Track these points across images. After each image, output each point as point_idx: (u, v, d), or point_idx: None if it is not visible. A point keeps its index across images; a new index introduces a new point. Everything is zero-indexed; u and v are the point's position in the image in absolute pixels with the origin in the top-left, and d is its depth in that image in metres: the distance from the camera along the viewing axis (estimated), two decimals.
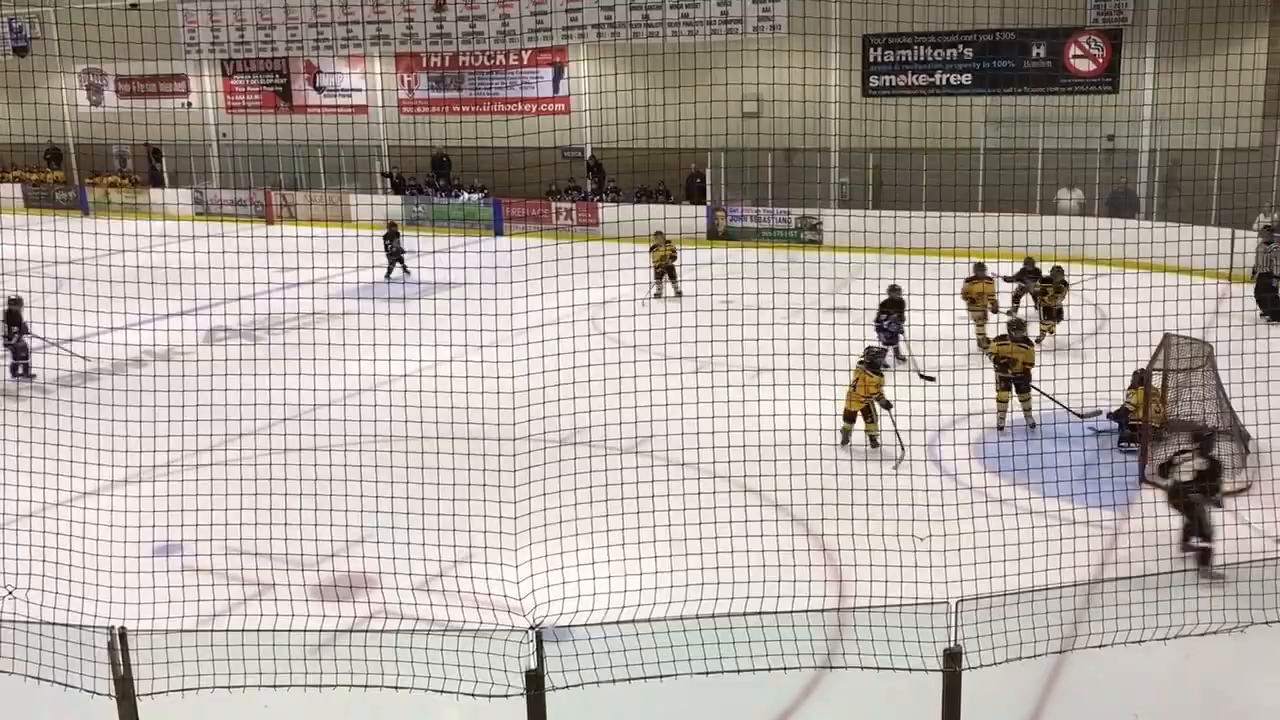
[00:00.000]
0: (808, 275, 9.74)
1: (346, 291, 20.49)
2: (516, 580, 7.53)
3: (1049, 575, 7.55)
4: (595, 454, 10.39)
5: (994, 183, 22.78)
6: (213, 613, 8.24)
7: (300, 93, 32.88)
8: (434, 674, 6.33)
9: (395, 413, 10.91)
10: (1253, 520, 9.17)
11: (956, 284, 15.35)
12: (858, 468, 10.65)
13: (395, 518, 8.67)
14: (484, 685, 6.13)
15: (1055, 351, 13.99)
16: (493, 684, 6.12)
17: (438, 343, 9.55)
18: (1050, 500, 10.10)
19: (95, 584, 7.70)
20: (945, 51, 25.43)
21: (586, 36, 28.29)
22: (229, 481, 8.91)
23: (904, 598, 6.98)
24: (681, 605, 6.94)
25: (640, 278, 9.82)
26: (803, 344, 8.90)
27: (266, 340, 16.87)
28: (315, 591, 8.95)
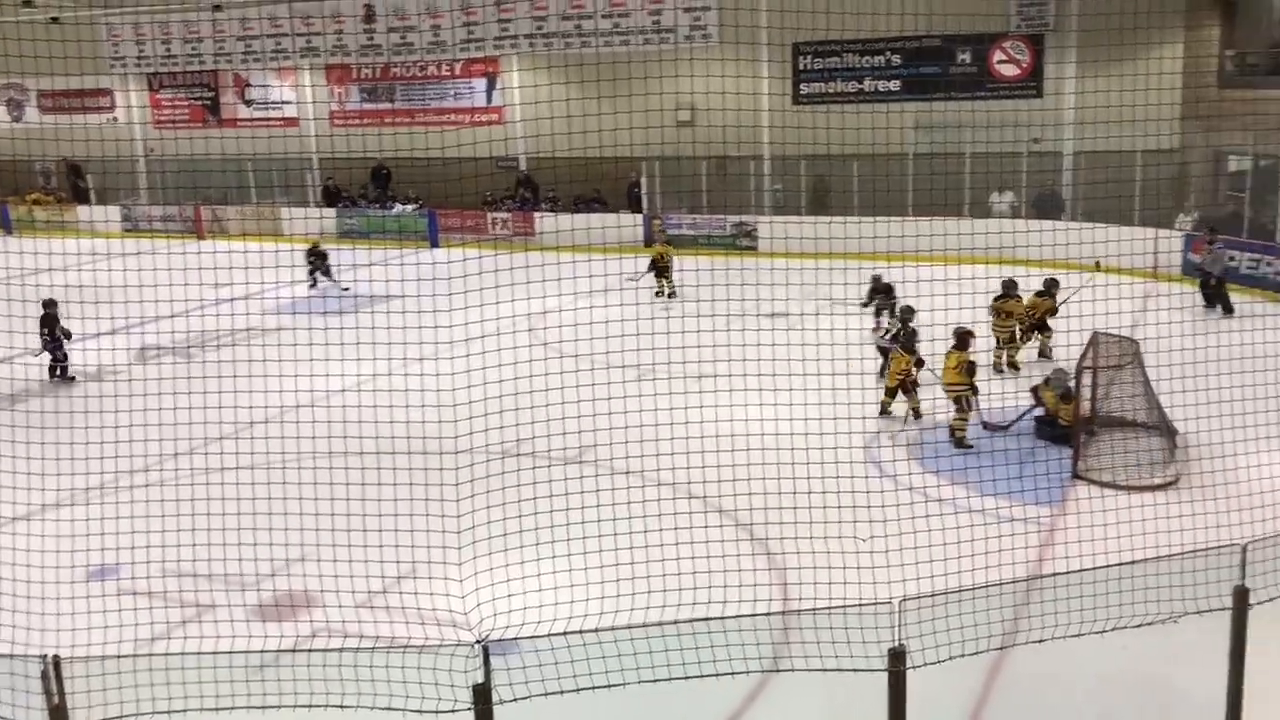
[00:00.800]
0: (746, 282, 9.82)
1: (280, 306, 20.24)
2: (461, 594, 7.48)
3: (989, 573, 7.67)
4: (538, 465, 10.34)
5: (924, 187, 23.18)
6: (150, 636, 8.07)
7: (229, 106, 32.45)
8: (379, 691, 6.26)
9: (333, 428, 10.80)
10: (1178, 513, 9.39)
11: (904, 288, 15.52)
12: (800, 471, 10.72)
13: (336, 535, 8.57)
14: (430, 701, 6.07)
15: (984, 353, 14.18)
16: (439, 699, 6.06)
17: (375, 356, 9.49)
18: (988, 499, 10.26)
19: (27, 611, 7.51)
20: (874, 59, 25.77)
21: (519, 47, 28.25)
22: (164, 503, 8.77)
23: (848, 599, 7.05)
24: (628, 614, 6.94)
25: (580, 286, 9.83)
26: (743, 350, 8.96)
27: (200, 358, 16.60)
28: (255, 611, 8.83)
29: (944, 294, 9.95)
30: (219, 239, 28.05)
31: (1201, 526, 8.40)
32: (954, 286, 10.73)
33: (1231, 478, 10.45)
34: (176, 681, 6.26)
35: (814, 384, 10.93)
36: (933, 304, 10.01)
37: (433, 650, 6.28)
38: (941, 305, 9.68)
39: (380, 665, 6.32)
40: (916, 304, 11.59)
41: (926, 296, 9.96)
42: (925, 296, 9.98)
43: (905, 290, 10.38)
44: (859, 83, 26.00)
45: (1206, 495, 9.89)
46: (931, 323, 12.97)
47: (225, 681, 6.25)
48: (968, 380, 12.43)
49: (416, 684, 6.18)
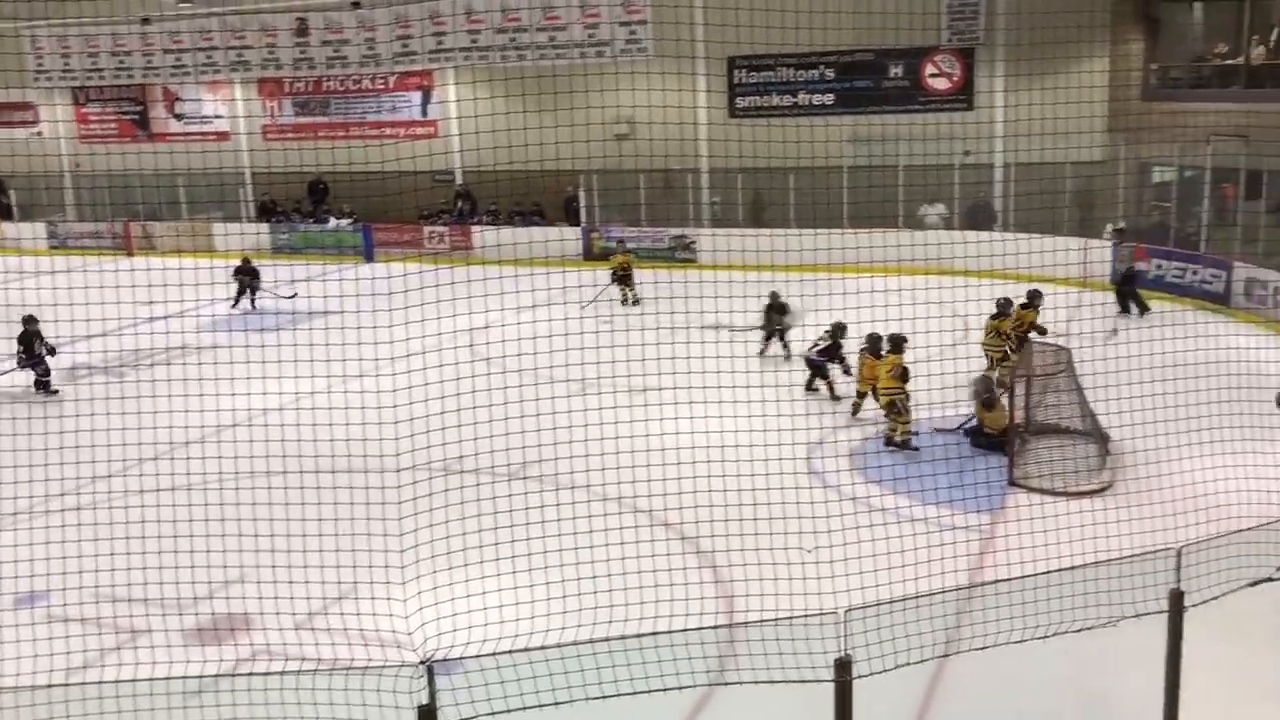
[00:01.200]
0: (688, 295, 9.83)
1: (215, 324, 19.90)
2: (405, 614, 7.38)
3: (931, 580, 7.74)
4: (481, 481, 10.26)
5: (859, 200, 23.45)
6: (82, 664, 7.87)
7: (159, 121, 31.91)
8: (321, 715, 6.14)
9: (270, 447, 10.61)
10: (1113, 519, 9.56)
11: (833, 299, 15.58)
12: (744, 483, 10.76)
13: (274, 555, 8.42)
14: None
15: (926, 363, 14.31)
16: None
17: (314, 374, 9.35)
18: (929, 507, 10.36)
19: None
20: (808, 73, 26.03)
21: (454, 60, 28.12)
22: (95, 525, 8.56)
23: (793, 610, 7.07)
24: (575, 630, 6.90)
25: (523, 301, 9.77)
26: (687, 362, 8.97)
27: (131, 377, 16.25)
28: (190, 635, 8.64)
29: (884, 305, 10.06)
30: (150, 256, 27.53)
31: (1137, 531, 8.56)
32: (893, 298, 10.87)
33: (1164, 483, 10.66)
34: (111, 711, 6.10)
35: (756, 396, 11.01)
36: (873, 314, 10.10)
37: (376, 671, 6.19)
38: (882, 316, 9.77)
39: (322, 688, 6.21)
40: (857, 315, 11.68)
41: (867, 307, 10.06)
42: (865, 308, 10.08)
43: (846, 301, 10.47)
44: (794, 96, 26.24)
45: (1140, 500, 10.08)
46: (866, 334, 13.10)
47: (161, 709, 6.10)
48: (900, 385, 12.59)
49: (360, 706, 6.09)
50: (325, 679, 6.26)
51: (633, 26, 26.41)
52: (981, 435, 12.48)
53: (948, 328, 17.19)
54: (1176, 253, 20.67)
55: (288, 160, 28.89)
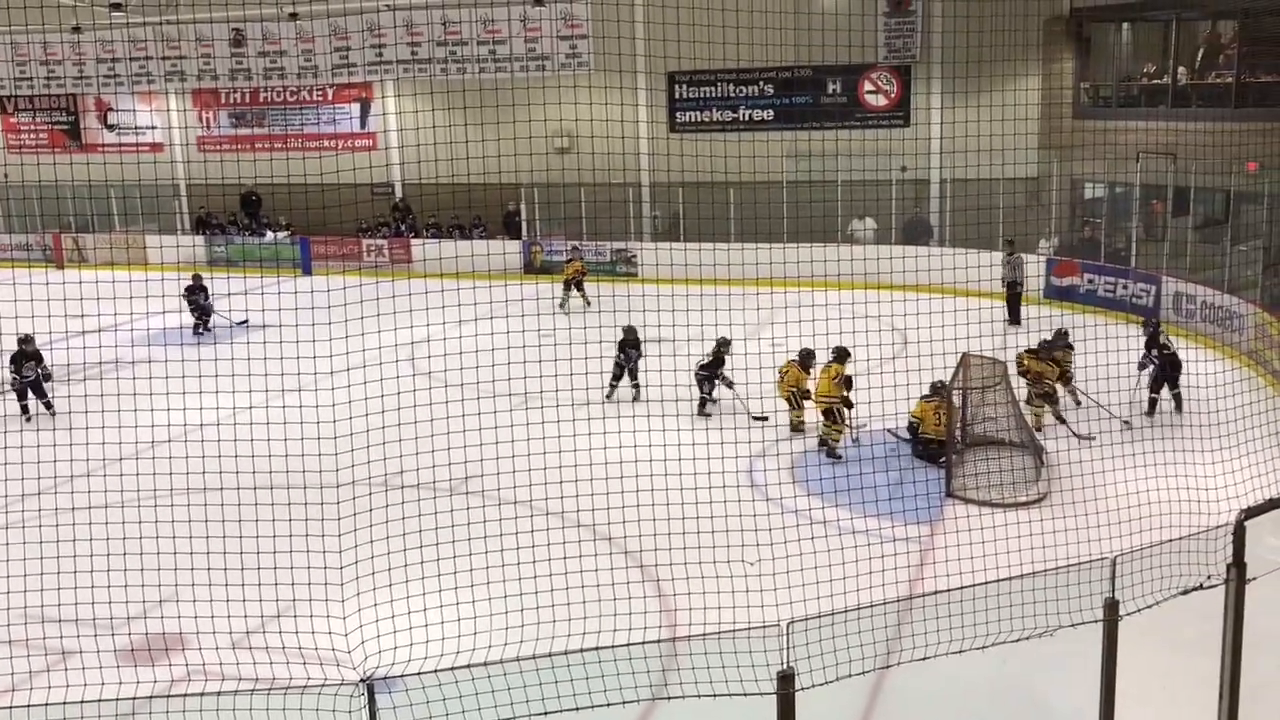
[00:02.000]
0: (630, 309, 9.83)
1: (146, 338, 19.53)
2: (344, 631, 7.28)
3: (872, 592, 7.81)
4: (423, 496, 10.16)
5: (797, 214, 23.66)
6: (11, 687, 7.66)
7: (91, 131, 31.32)
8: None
9: (205, 463, 10.43)
10: (1049, 529, 9.72)
11: (770, 313, 15.69)
12: (687, 496, 10.77)
13: (210, 573, 8.27)
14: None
15: (866, 375, 14.45)
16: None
17: (250, 388, 9.21)
18: (870, 519, 10.45)
19: None
20: (747, 88, 26.24)
21: (393, 72, 27.96)
22: (23, 544, 8.34)
23: (736, 623, 7.09)
24: (517, 646, 6.86)
25: (465, 314, 9.70)
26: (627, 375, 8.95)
27: (62, 393, 15.89)
28: (121, 656, 8.45)
29: (825, 319, 10.14)
30: (81, 268, 26.97)
31: (1072, 542, 8.70)
32: (832, 311, 10.96)
33: (1097, 494, 10.86)
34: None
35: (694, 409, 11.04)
36: (813, 329, 10.18)
37: (315, 690, 6.10)
38: (822, 330, 9.85)
39: (260, 708, 6.10)
40: (799, 329, 11.74)
41: (807, 321, 10.14)
42: (806, 321, 10.16)
43: (788, 315, 10.55)
44: (734, 111, 26.44)
45: (1074, 511, 10.26)
46: (811, 347, 13.19)
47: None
48: (840, 393, 12.90)
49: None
50: (263, 698, 6.15)
51: (573, 40, 26.45)
52: (920, 444, 12.65)
53: (886, 341, 17.39)
54: (1108, 268, 21.12)
55: (224, 172, 28.49)
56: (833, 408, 12.98)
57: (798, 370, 13.65)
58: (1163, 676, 8.22)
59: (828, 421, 13.05)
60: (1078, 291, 20.92)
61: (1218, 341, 17.61)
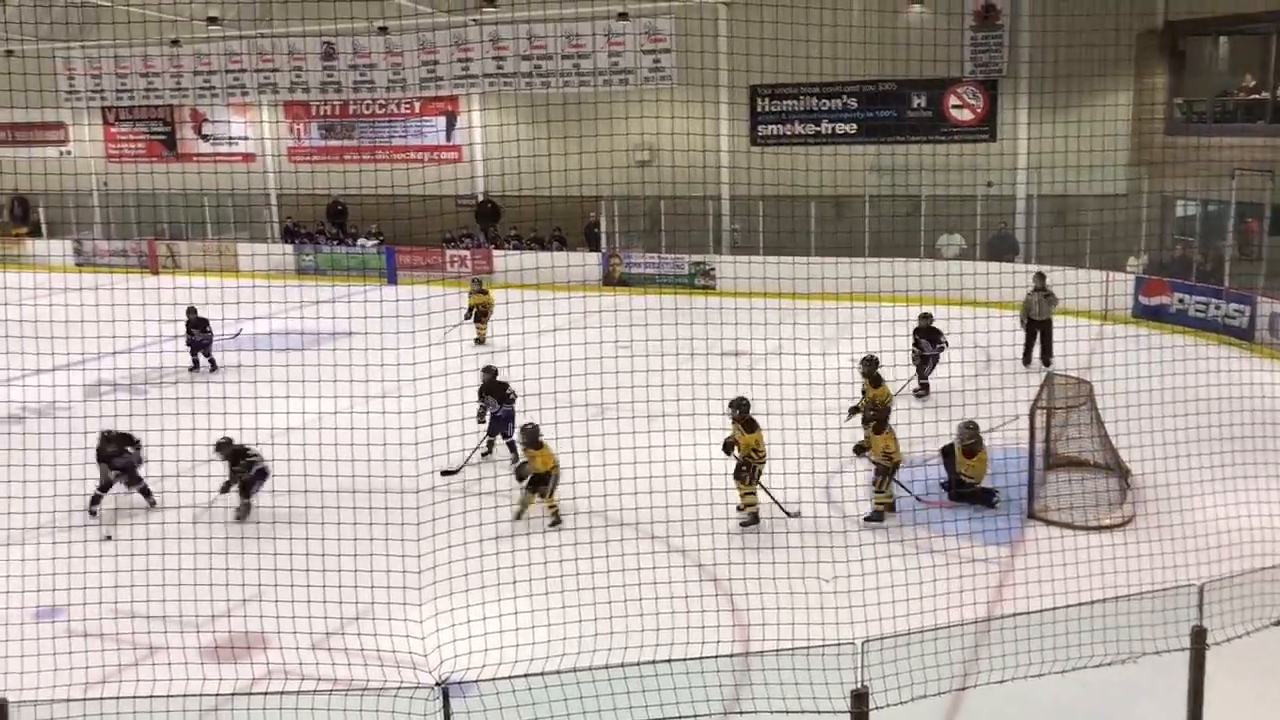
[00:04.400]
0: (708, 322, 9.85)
1: (235, 343, 20.01)
2: (421, 635, 7.39)
3: (949, 613, 7.70)
4: (500, 504, 10.30)
5: (879, 229, 23.47)
6: (101, 679, 7.89)
7: (186, 141, 32.26)
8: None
9: (290, 466, 10.66)
10: (1134, 554, 9.50)
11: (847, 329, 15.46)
12: (762, 511, 10.73)
13: (293, 575, 8.45)
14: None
15: (941, 394, 14.27)
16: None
17: (336, 394, 9.40)
18: (949, 539, 10.31)
19: None
20: (831, 102, 26.12)
21: (479, 86, 28.36)
22: (115, 541, 8.60)
23: (810, 640, 7.04)
24: (589, 655, 6.89)
25: (544, 324, 9.81)
26: (706, 389, 8.97)
27: (157, 394, 16.37)
28: (206, 653, 8.66)
29: (905, 335, 10.03)
30: (175, 275, 27.76)
31: (1158, 567, 8.50)
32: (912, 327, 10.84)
33: (1185, 518, 10.58)
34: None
35: (775, 424, 10.98)
36: (894, 344, 10.09)
37: (391, 692, 6.20)
38: (904, 346, 9.74)
39: (337, 709, 6.22)
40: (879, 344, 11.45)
41: (889, 336, 10.04)
42: (887, 337, 10.06)
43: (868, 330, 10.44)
44: (816, 125, 26.32)
45: (1161, 535, 9.99)
46: (894, 363, 13.02)
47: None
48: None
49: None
50: (340, 699, 6.26)
51: (657, 54, 26.58)
52: (961, 486, 12.00)
53: (969, 358, 17.15)
54: (1199, 287, 20.57)
55: (314, 182, 29.15)
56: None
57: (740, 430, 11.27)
58: (1252, 710, 7.96)
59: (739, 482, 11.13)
60: (1167, 311, 20.39)
61: None
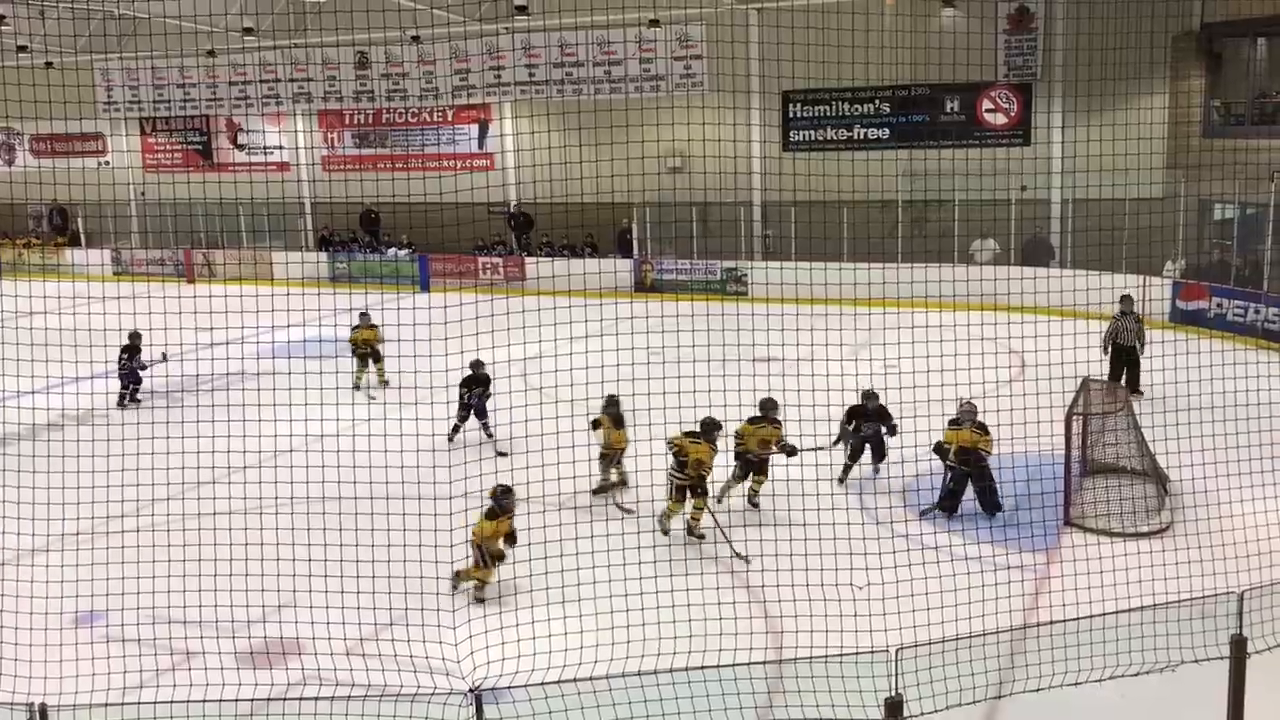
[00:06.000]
0: (739, 328, 9.83)
1: (269, 351, 20.19)
2: (454, 642, 7.41)
3: (985, 620, 7.63)
4: (533, 510, 10.31)
5: (913, 234, 23.34)
6: (139, 684, 7.97)
7: (222, 150, 32.60)
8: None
9: (325, 473, 10.72)
10: (1172, 561, 9.39)
11: (878, 334, 15.34)
12: (795, 518, 10.69)
13: (327, 581, 8.50)
14: None
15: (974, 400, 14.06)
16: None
17: (370, 400, 9.44)
18: (984, 545, 10.23)
19: (13, 659, 7.43)
20: (863, 107, 26.03)
21: (511, 94, 28.48)
22: (152, 548, 8.68)
23: (843, 647, 7.00)
24: (623, 662, 6.89)
25: (576, 331, 9.82)
26: (738, 395, 8.95)
27: (192, 403, 16.53)
28: (241, 659, 8.72)
29: (938, 340, 9.97)
30: (211, 283, 28.05)
31: (1196, 575, 8.39)
32: (947, 333, 10.77)
33: (1224, 525, 10.44)
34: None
35: (807, 430, 10.95)
36: (926, 350, 10.02)
37: (424, 698, 6.22)
38: (937, 352, 9.69)
39: (371, 714, 6.25)
40: (911, 350, 11.37)
41: (921, 342, 9.98)
42: (920, 343, 10.00)
43: (900, 335, 10.36)
44: (848, 130, 26.24)
45: (1200, 543, 9.87)
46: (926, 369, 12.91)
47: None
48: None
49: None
50: (374, 705, 6.30)
51: (688, 61, 26.60)
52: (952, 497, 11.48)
53: (1003, 364, 17.02)
54: (1238, 291, 20.32)
55: (348, 191, 29.37)
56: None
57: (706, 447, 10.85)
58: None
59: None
60: (1205, 316, 20.16)
61: None
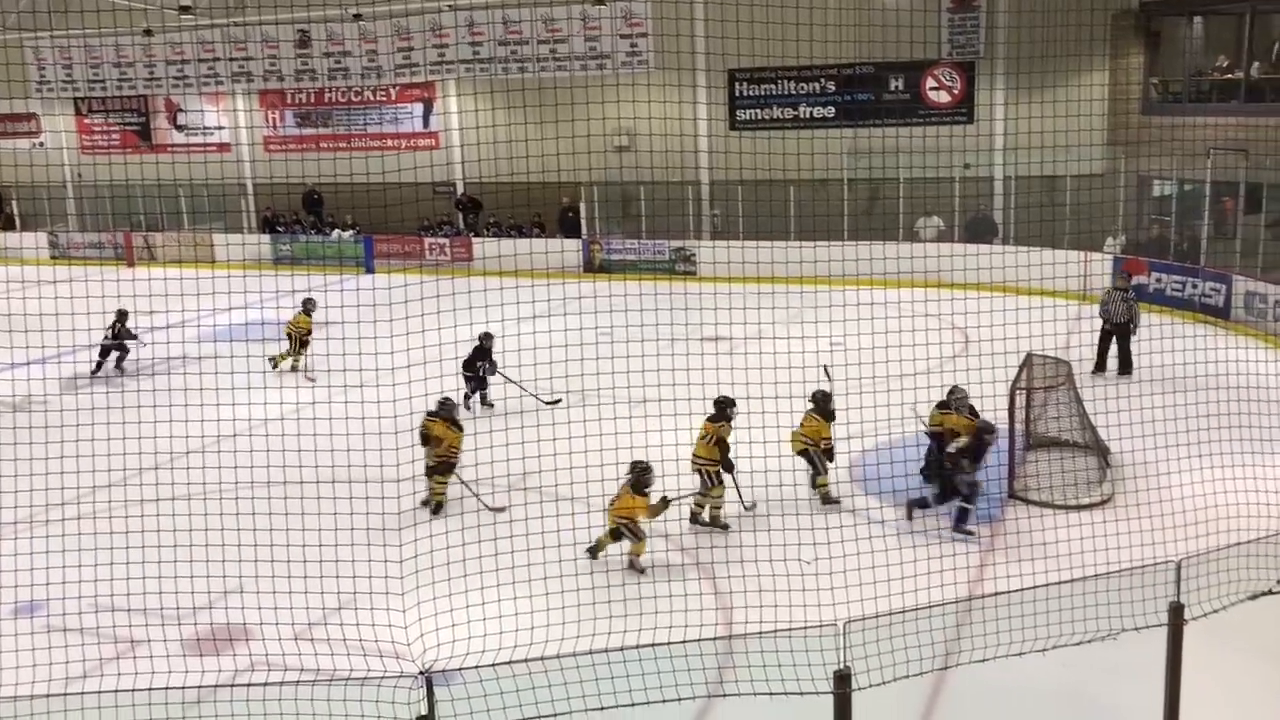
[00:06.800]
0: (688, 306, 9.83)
1: (211, 335, 19.91)
2: (404, 624, 7.38)
3: (930, 593, 7.74)
4: (481, 491, 10.28)
5: (858, 212, 23.49)
6: (82, 674, 7.85)
7: (161, 131, 31.98)
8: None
9: (270, 457, 10.60)
10: (1113, 532, 9.57)
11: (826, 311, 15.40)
12: (745, 495, 10.75)
13: (274, 566, 8.41)
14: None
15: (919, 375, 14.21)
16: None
17: (314, 384, 9.34)
18: (929, 520, 10.36)
19: None
20: (808, 85, 26.09)
21: (455, 72, 28.21)
22: (94, 535, 8.54)
23: (792, 621, 7.07)
24: (573, 640, 6.90)
25: (524, 312, 9.78)
26: (687, 374, 8.97)
27: (132, 387, 16.26)
28: (188, 646, 8.62)
29: (883, 317, 10.06)
30: (150, 266, 27.57)
31: (1137, 544, 8.55)
32: (892, 310, 10.88)
33: (1163, 496, 10.66)
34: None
35: (755, 408, 11.00)
36: (872, 327, 10.10)
37: (374, 682, 6.19)
38: (881, 329, 9.77)
39: (320, 699, 6.20)
40: (857, 327, 11.51)
41: (867, 320, 10.06)
42: (865, 320, 10.08)
43: (845, 313, 10.42)
44: (794, 109, 26.30)
45: (1140, 513, 10.07)
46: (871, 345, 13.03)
47: (159, 719, 6.10)
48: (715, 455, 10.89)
49: (359, 717, 6.08)
50: (324, 689, 6.25)
51: (634, 39, 26.49)
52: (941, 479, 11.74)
53: (946, 340, 17.22)
54: (1176, 266, 20.70)
55: (289, 171, 28.97)
56: (707, 471, 10.88)
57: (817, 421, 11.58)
58: (1230, 684, 8.05)
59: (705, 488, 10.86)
60: (1145, 290, 20.52)
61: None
